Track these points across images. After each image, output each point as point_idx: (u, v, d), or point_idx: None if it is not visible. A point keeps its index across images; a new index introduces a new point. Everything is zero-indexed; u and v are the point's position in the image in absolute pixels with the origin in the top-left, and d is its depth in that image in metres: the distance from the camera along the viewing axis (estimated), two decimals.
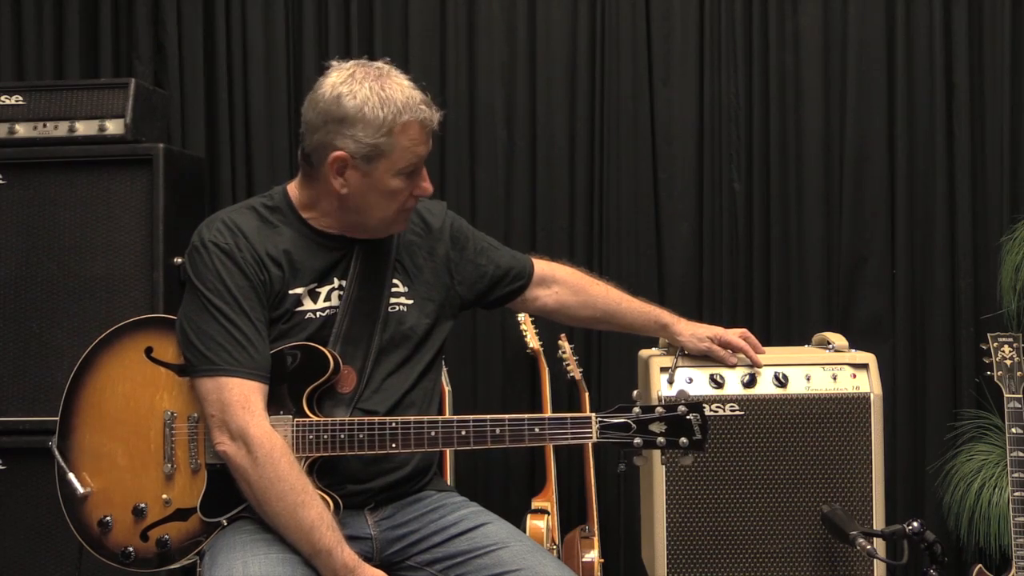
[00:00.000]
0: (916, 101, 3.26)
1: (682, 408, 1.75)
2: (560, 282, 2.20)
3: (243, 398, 1.76)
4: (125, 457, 1.86)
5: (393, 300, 1.93)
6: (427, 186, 1.89)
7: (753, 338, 2.32)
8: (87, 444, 1.88)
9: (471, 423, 1.78)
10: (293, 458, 1.76)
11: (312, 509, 1.72)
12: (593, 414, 1.76)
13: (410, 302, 1.94)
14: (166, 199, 2.77)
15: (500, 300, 2.14)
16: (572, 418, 1.75)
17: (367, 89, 1.79)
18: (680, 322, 2.28)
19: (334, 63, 1.87)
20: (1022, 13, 3.23)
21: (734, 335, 2.29)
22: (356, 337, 1.87)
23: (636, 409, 1.76)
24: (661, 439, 1.75)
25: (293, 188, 1.94)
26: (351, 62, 1.86)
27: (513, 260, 2.14)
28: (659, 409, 1.76)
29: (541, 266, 2.19)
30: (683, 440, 1.75)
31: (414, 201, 1.90)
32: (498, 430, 1.76)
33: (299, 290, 1.87)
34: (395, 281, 1.94)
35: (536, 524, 2.85)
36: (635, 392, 1.86)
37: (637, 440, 1.74)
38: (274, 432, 1.77)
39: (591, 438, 1.75)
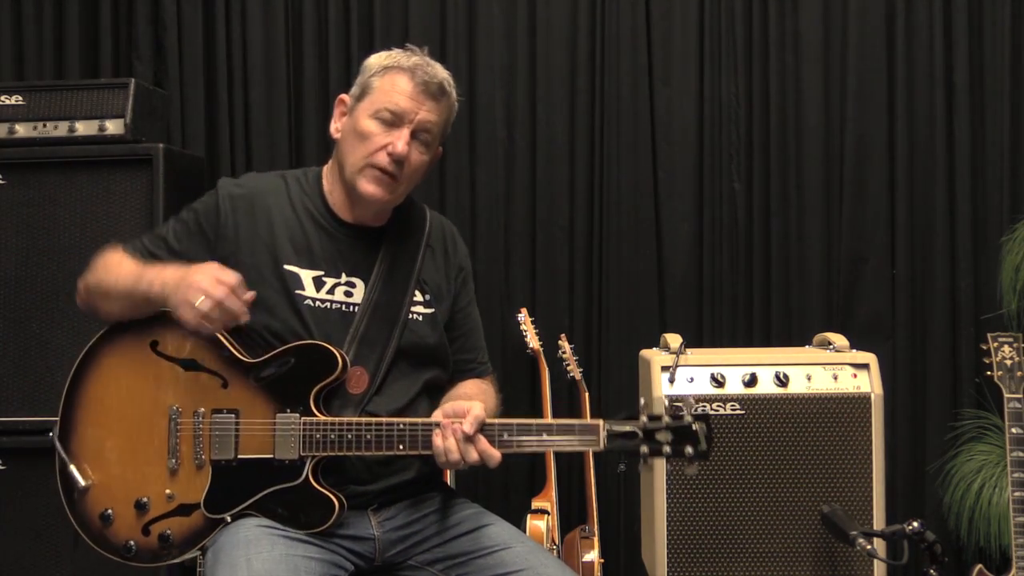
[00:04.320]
0: (916, 101, 3.26)
1: (688, 418, 1.73)
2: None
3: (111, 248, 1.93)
4: (128, 451, 1.85)
5: (413, 309, 1.93)
6: (399, 144, 1.84)
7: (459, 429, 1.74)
8: (89, 437, 1.87)
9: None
10: (118, 252, 1.90)
11: (128, 266, 1.86)
12: (600, 421, 1.74)
13: (429, 311, 1.95)
14: (166, 199, 2.77)
15: None
16: (580, 425, 1.74)
17: (385, 51, 1.92)
18: None
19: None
20: (1022, 13, 3.24)
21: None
22: (373, 339, 1.87)
23: (643, 418, 1.74)
24: (667, 448, 1.73)
25: (325, 171, 1.99)
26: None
27: (474, 351, 2.08)
28: (666, 419, 1.74)
29: (471, 381, 2.06)
30: (688, 450, 1.73)
31: (386, 160, 1.85)
32: (506, 435, 1.75)
33: (295, 268, 1.86)
34: (415, 291, 1.94)
35: (536, 524, 2.84)
36: (642, 401, 1.83)
37: (644, 448, 1.72)
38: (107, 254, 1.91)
39: (598, 446, 1.73)
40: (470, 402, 1.76)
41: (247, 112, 3.36)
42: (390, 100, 1.85)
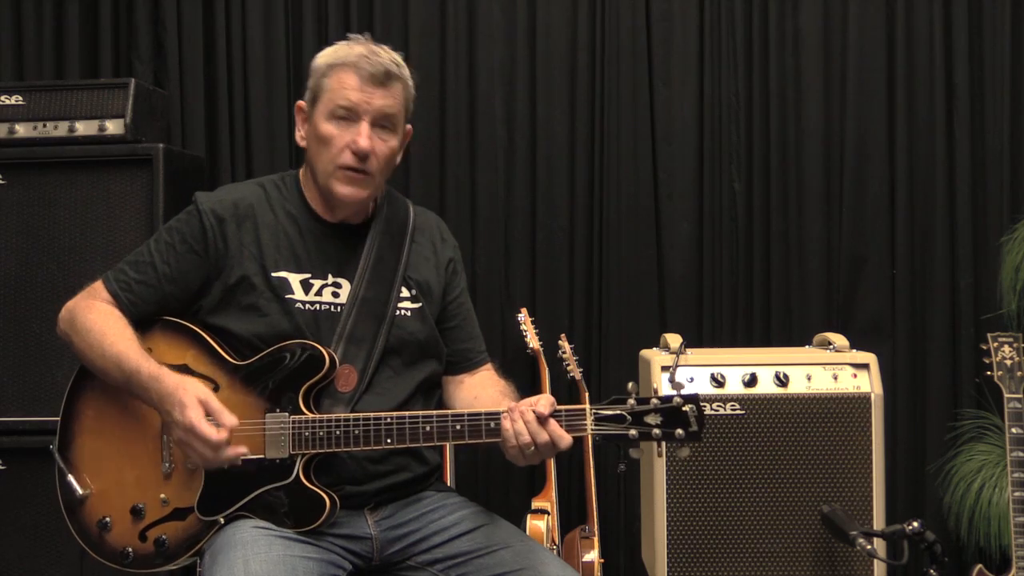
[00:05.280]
0: (916, 101, 3.26)
1: (678, 399, 1.70)
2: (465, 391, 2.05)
3: (96, 292, 1.90)
4: (124, 458, 1.85)
5: (400, 305, 1.93)
6: (360, 140, 1.85)
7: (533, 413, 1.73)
8: (87, 446, 1.88)
9: (466, 417, 1.77)
10: (106, 310, 1.86)
11: (116, 345, 1.81)
12: (588, 406, 1.72)
13: (416, 306, 1.95)
14: (166, 199, 2.77)
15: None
16: (567, 411, 1.72)
17: (330, 47, 1.93)
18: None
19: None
20: (1022, 13, 3.24)
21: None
22: (360, 336, 1.87)
23: (631, 401, 1.71)
24: (657, 431, 1.69)
25: (301, 174, 1.98)
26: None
27: (473, 339, 2.09)
28: (654, 400, 1.70)
29: (482, 376, 2.08)
30: (679, 431, 1.69)
31: (352, 159, 1.86)
32: (492, 424, 1.75)
33: (283, 274, 1.87)
34: (402, 287, 1.94)
35: (536, 524, 2.84)
36: (630, 384, 1.79)
37: (632, 432, 1.69)
38: (100, 304, 1.87)
39: (586, 431, 1.71)
40: (536, 396, 1.75)
41: (247, 112, 3.36)
42: (341, 97, 1.85)
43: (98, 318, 1.85)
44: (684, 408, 1.70)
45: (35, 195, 2.81)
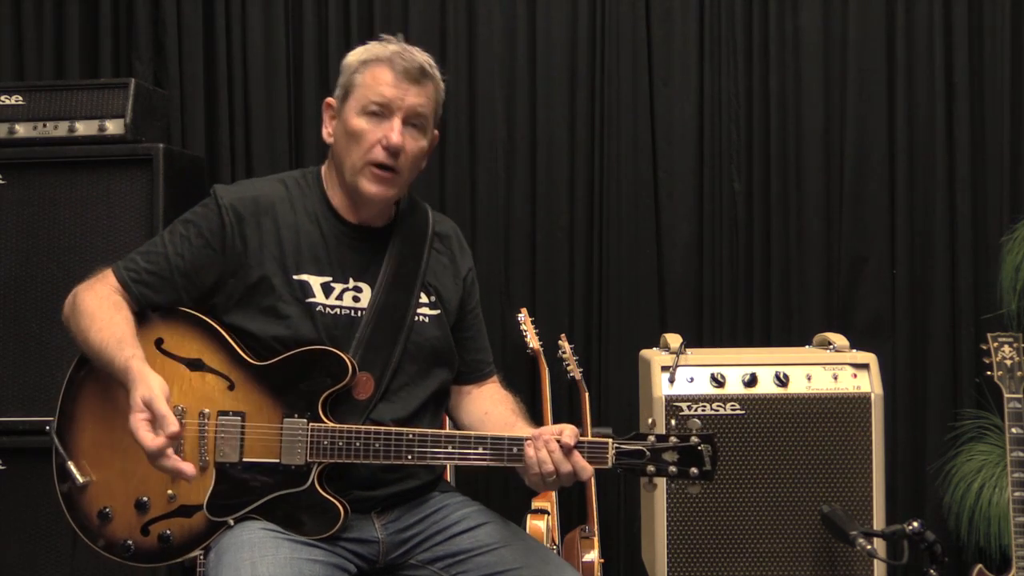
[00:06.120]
0: (916, 101, 3.26)
1: (695, 439, 1.76)
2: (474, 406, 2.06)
3: (105, 278, 1.85)
4: (129, 449, 1.79)
5: (419, 311, 1.92)
6: (392, 135, 1.83)
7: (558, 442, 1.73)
8: (89, 434, 1.85)
9: (489, 441, 1.76)
10: (105, 294, 1.82)
11: (101, 332, 1.77)
12: (609, 440, 1.75)
13: (435, 312, 1.94)
14: (166, 199, 2.77)
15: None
16: (589, 443, 1.74)
17: (362, 46, 1.91)
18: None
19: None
20: (1022, 13, 3.24)
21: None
22: (378, 344, 1.86)
23: (651, 438, 1.75)
24: (673, 468, 1.75)
25: (324, 172, 1.97)
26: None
27: (485, 351, 2.09)
28: (673, 439, 1.75)
29: (490, 390, 2.07)
30: (694, 470, 1.75)
31: (383, 155, 1.84)
32: (515, 449, 1.75)
33: (304, 276, 1.85)
34: (420, 293, 1.93)
35: (536, 524, 2.84)
36: (650, 420, 1.84)
37: (650, 468, 1.75)
38: (103, 287, 1.84)
39: (606, 464, 1.74)
40: (559, 425, 1.76)
41: (247, 112, 3.36)
42: (375, 93, 1.83)
43: (93, 301, 1.82)
44: (700, 447, 1.75)
45: (35, 195, 2.81)
